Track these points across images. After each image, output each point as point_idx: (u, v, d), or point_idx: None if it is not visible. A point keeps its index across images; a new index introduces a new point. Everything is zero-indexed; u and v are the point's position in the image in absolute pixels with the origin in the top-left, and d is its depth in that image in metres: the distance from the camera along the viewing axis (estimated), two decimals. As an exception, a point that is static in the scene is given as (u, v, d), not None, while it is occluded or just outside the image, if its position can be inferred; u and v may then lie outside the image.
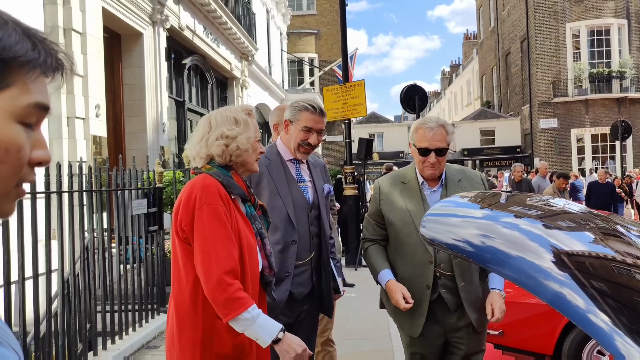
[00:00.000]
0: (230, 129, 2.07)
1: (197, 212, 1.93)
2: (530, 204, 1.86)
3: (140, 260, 5.84)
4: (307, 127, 2.74)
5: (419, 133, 2.67)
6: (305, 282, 2.73)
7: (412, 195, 2.69)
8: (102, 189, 5.10)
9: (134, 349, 5.21)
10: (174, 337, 1.99)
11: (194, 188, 1.98)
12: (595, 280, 1.15)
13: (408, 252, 2.62)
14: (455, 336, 2.66)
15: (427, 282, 2.60)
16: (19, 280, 3.84)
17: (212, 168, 2.07)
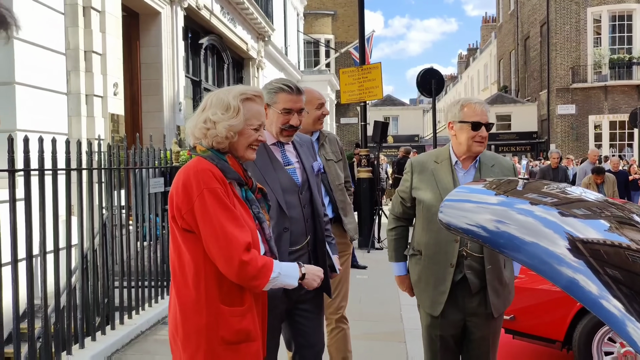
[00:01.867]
0: (215, 113, 2.01)
1: (198, 198, 1.89)
2: (545, 191, 1.87)
3: (157, 238, 5.94)
4: (286, 108, 2.65)
5: (467, 109, 2.71)
6: None
7: (445, 174, 2.74)
8: (121, 167, 5.17)
9: (150, 324, 5.32)
10: (177, 324, 1.96)
11: (189, 174, 1.94)
12: (609, 268, 1.18)
13: (434, 230, 2.67)
14: (472, 320, 2.71)
15: (451, 260, 2.64)
16: (40, 253, 3.93)
17: (207, 151, 2.03)
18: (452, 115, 2.77)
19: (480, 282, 2.65)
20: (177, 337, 1.96)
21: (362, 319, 5.70)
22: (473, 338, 2.74)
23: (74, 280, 4.52)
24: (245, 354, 1.97)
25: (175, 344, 1.99)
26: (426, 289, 2.74)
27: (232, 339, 1.94)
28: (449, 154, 2.80)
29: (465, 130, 2.70)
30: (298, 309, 2.70)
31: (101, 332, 4.71)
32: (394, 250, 2.97)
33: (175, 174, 6.20)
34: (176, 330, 1.96)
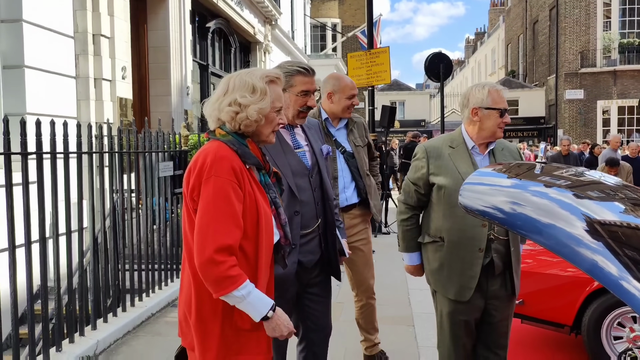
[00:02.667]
0: (243, 96, 1.95)
1: (204, 182, 1.86)
2: (558, 174, 1.87)
3: (166, 221, 5.97)
4: (304, 91, 2.65)
5: (494, 95, 2.69)
6: (315, 250, 2.68)
7: (463, 159, 2.71)
8: (131, 151, 5.19)
9: (160, 307, 5.37)
10: (191, 309, 1.92)
11: (207, 157, 1.88)
12: (628, 249, 1.19)
13: (459, 215, 2.62)
14: (493, 303, 2.73)
15: (480, 245, 2.63)
16: (53, 236, 3.97)
17: (227, 135, 1.97)
18: (478, 100, 2.71)
19: (503, 264, 2.67)
20: (190, 319, 1.92)
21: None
22: (494, 321, 2.76)
23: (86, 262, 4.57)
24: (259, 341, 1.96)
25: (187, 326, 1.96)
26: (451, 275, 2.70)
27: (246, 326, 1.92)
28: (463, 139, 2.77)
29: (493, 117, 2.69)
30: (307, 292, 2.72)
31: (112, 313, 4.77)
32: (410, 240, 2.88)
33: (184, 157, 6.24)
34: (189, 313, 1.93)
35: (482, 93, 2.71)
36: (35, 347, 3.73)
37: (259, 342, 1.95)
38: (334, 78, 3.63)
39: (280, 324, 1.93)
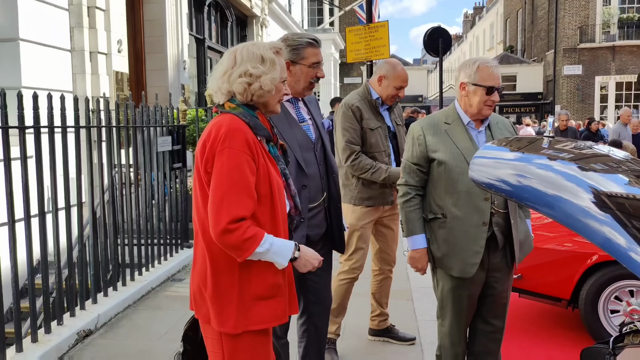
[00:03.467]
0: (255, 67, 1.96)
1: (218, 154, 1.87)
2: (560, 147, 1.87)
3: (165, 197, 5.96)
4: (315, 62, 2.65)
5: (483, 71, 2.64)
6: (321, 223, 2.72)
7: (460, 135, 2.69)
8: (129, 125, 5.16)
9: (160, 281, 5.40)
10: (206, 282, 1.93)
11: (220, 129, 1.89)
12: (635, 221, 1.19)
13: (462, 191, 2.62)
14: (494, 276, 2.74)
15: (484, 219, 2.62)
16: (52, 210, 3.96)
17: (237, 108, 1.98)
18: (467, 75, 2.69)
19: (504, 237, 2.68)
20: (206, 292, 1.93)
21: (369, 277, 5.76)
22: (494, 293, 2.77)
23: (85, 236, 4.57)
24: (275, 308, 1.98)
25: (202, 298, 1.97)
26: (455, 252, 2.67)
27: (263, 294, 1.94)
28: (457, 114, 2.75)
29: (478, 94, 2.66)
30: None
31: (113, 287, 4.79)
32: (415, 221, 2.76)
33: (182, 132, 6.20)
34: (204, 286, 1.94)
35: (471, 68, 2.68)
36: (36, 321, 3.75)
37: (275, 308, 1.98)
38: (390, 65, 3.66)
39: (309, 258, 2.02)
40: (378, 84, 3.62)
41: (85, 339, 4.06)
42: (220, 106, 2.03)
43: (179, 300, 4.96)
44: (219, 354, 1.97)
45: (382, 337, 4.03)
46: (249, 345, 1.95)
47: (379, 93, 3.63)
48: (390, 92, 3.60)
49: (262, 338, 2.00)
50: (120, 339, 4.12)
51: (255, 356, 1.97)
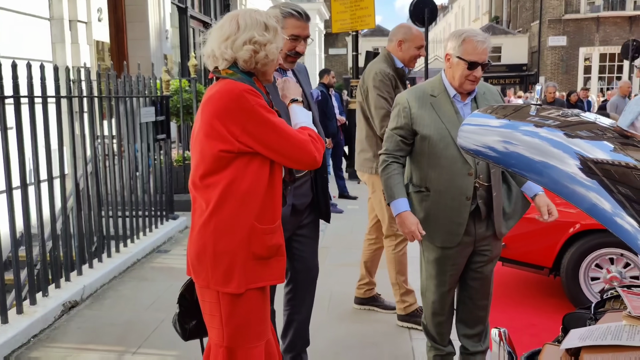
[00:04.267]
0: (261, 34, 1.97)
1: (251, 115, 1.90)
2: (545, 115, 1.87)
3: (149, 168, 5.92)
4: (294, 35, 2.59)
5: (468, 45, 2.59)
6: (307, 193, 2.72)
7: (445, 108, 2.66)
8: (112, 95, 5.08)
9: (145, 252, 5.39)
10: (205, 245, 1.98)
11: (233, 95, 1.91)
12: (621, 187, 1.20)
13: (445, 165, 2.62)
14: (482, 245, 2.75)
15: (467, 194, 2.62)
16: (34, 182, 3.91)
17: (235, 74, 1.99)
18: (452, 47, 2.65)
19: (487, 209, 2.69)
20: (206, 257, 1.98)
21: (355, 247, 5.81)
22: (483, 260, 2.79)
23: (68, 208, 4.53)
24: (274, 267, 2.06)
25: (201, 264, 2.00)
26: (437, 223, 2.69)
27: (264, 254, 2.01)
28: (444, 86, 2.72)
29: (460, 67, 2.61)
30: (296, 234, 2.76)
31: (98, 259, 4.77)
32: (395, 185, 2.73)
33: (166, 103, 6.11)
34: (204, 251, 1.98)
35: (457, 40, 2.63)
36: (21, 292, 3.74)
37: (274, 268, 2.06)
38: (405, 27, 3.73)
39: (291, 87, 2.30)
40: (399, 49, 3.67)
41: (71, 310, 4.06)
42: (216, 71, 2.03)
43: (165, 272, 4.96)
44: (217, 316, 2.03)
45: (367, 305, 4.08)
46: (248, 304, 2.02)
47: (401, 58, 3.68)
48: (413, 53, 3.67)
49: (261, 296, 2.07)
50: (107, 310, 4.12)
51: (252, 314, 2.04)
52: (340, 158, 8.86)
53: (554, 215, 2.73)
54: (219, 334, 2.04)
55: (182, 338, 2.27)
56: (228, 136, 1.92)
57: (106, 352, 3.41)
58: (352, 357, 3.36)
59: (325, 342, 3.50)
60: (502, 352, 2.05)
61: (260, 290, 2.05)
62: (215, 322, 2.04)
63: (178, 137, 8.30)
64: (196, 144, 2.01)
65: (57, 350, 3.45)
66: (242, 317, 2.02)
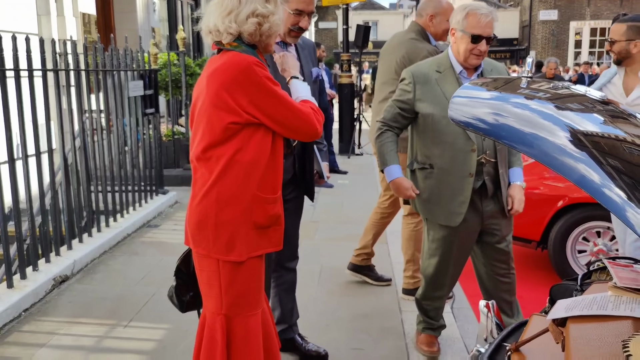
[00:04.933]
0: (264, 6, 1.99)
1: (258, 88, 1.93)
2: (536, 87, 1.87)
3: (138, 143, 5.88)
4: (298, 10, 2.56)
5: (471, 18, 2.59)
6: (288, 169, 2.69)
7: (451, 85, 2.65)
8: (98, 69, 5.01)
9: (135, 227, 5.38)
10: (207, 215, 2.02)
11: (241, 67, 1.93)
12: (610, 159, 1.21)
13: (447, 142, 2.63)
14: (491, 223, 2.76)
15: (470, 170, 2.63)
16: (22, 157, 3.87)
17: (240, 46, 2.01)
18: (456, 21, 2.66)
19: (494, 186, 2.70)
20: (208, 226, 2.02)
21: (345, 222, 5.84)
22: (494, 240, 2.80)
23: (57, 183, 4.49)
24: (273, 236, 2.12)
25: (202, 233, 2.04)
26: (440, 201, 2.70)
27: (264, 223, 2.07)
28: (450, 62, 2.71)
29: (464, 41, 2.62)
30: None
31: (88, 234, 4.76)
32: (388, 153, 2.78)
33: (154, 77, 6.03)
34: (206, 220, 2.02)
35: (461, 14, 2.64)
36: (11, 267, 3.73)
37: (272, 236, 2.12)
38: (435, 1, 3.68)
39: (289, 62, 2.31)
40: (430, 24, 3.67)
41: (61, 284, 4.06)
42: (219, 43, 2.04)
43: (155, 246, 4.97)
44: (215, 285, 2.07)
45: (360, 273, 4.12)
46: (248, 272, 2.08)
47: (433, 33, 3.69)
48: (445, 27, 3.64)
49: (260, 264, 2.13)
50: (97, 284, 4.13)
51: (251, 283, 2.10)
52: (330, 132, 8.84)
53: (516, 211, 2.73)
54: (217, 303, 2.08)
55: (179, 310, 2.30)
56: (236, 107, 1.94)
57: (98, 326, 3.43)
58: (342, 328, 3.41)
59: (316, 314, 3.54)
60: (490, 323, 2.08)
61: (259, 258, 2.11)
62: (214, 291, 2.07)
63: (167, 112, 8.23)
64: (201, 116, 2.02)
65: (49, 324, 3.47)
66: (241, 285, 2.07)
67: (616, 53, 3.24)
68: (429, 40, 3.69)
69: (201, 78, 2.09)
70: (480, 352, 1.91)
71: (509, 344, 1.66)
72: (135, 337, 3.31)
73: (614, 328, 1.34)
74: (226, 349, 2.07)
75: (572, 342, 1.31)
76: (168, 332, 3.34)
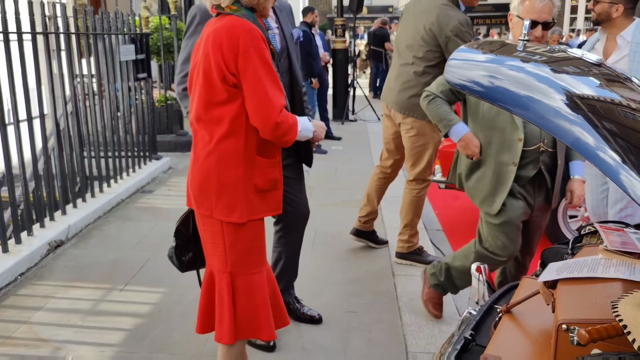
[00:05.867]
0: None
1: (243, 55, 1.92)
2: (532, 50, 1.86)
3: (130, 108, 5.83)
4: None
5: (527, 3, 2.57)
6: None
7: None
8: (89, 32, 4.93)
9: (129, 193, 5.38)
10: (210, 177, 2.06)
11: (236, 30, 1.93)
12: (606, 122, 1.21)
13: (496, 128, 2.62)
14: (537, 214, 2.78)
15: (514, 159, 2.61)
16: (14, 122, 3.84)
17: (240, 10, 2.01)
18: (513, 7, 2.65)
19: (550, 177, 2.70)
20: (210, 187, 2.06)
21: (338, 187, 5.87)
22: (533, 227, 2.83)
23: (50, 149, 4.47)
24: (272, 200, 2.17)
25: (204, 194, 2.08)
26: (483, 188, 2.70)
27: (264, 187, 2.11)
28: None
29: (520, 27, 2.58)
30: None
31: (82, 199, 4.76)
32: (449, 113, 2.73)
33: (146, 41, 5.95)
34: (208, 182, 2.05)
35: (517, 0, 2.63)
36: (5, 232, 3.73)
37: (271, 200, 2.17)
38: None
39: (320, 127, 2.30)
40: None
41: (57, 249, 4.07)
42: (218, 7, 2.03)
43: (150, 212, 4.98)
44: (219, 244, 2.11)
45: (365, 238, 4.16)
46: (249, 233, 2.11)
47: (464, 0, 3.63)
48: None
49: (260, 226, 2.17)
50: (92, 249, 4.15)
51: (253, 242, 2.14)
52: (325, 98, 8.79)
53: (573, 204, 2.76)
54: (222, 261, 2.13)
55: (179, 270, 2.34)
56: (225, 70, 1.95)
57: (94, 290, 3.46)
58: (336, 292, 3.45)
59: (309, 279, 3.58)
60: (482, 287, 2.11)
61: (260, 221, 2.16)
62: (219, 249, 2.12)
63: (160, 77, 8.15)
64: (198, 78, 2.03)
65: (45, 288, 3.49)
66: (244, 245, 2.11)
67: (597, 13, 3.22)
68: (459, 6, 3.59)
69: (199, 41, 2.08)
70: (472, 314, 1.95)
71: (501, 306, 1.69)
72: (131, 300, 3.34)
73: (604, 290, 1.36)
74: (232, 305, 2.13)
75: (562, 304, 1.33)
76: (163, 295, 3.37)
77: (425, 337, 2.95)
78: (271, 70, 1.99)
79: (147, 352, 2.80)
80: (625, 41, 3.16)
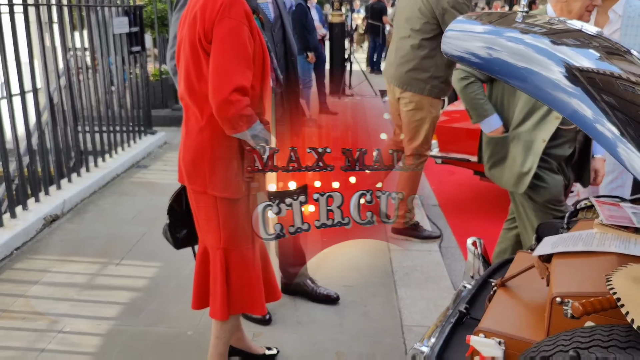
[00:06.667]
0: None
1: (217, 23, 1.87)
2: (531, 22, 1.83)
3: (124, 82, 5.77)
4: None
5: None
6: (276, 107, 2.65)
7: None
8: (81, 4, 4.85)
9: (124, 168, 5.35)
10: (204, 150, 2.02)
11: (222, 2, 1.88)
12: (605, 95, 1.19)
13: (532, 103, 2.54)
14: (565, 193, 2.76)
15: (544, 136, 2.53)
16: (6, 97, 3.80)
17: None
18: None
19: (580, 155, 2.69)
20: (204, 163, 2.03)
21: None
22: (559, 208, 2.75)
23: (43, 123, 4.43)
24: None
25: (197, 170, 2.05)
26: (512, 166, 2.62)
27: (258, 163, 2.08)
28: None
29: None
30: None
31: (77, 174, 4.74)
32: (485, 103, 2.65)
33: (139, 13, 5.86)
34: (201, 157, 2.02)
35: None
36: (0, 206, 3.72)
37: None
38: None
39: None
40: None
41: (52, 223, 4.07)
42: None
43: (145, 186, 4.96)
44: (213, 220, 2.09)
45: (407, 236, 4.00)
46: (244, 208, 2.09)
47: None
48: None
49: (254, 200, 2.14)
50: (88, 223, 4.14)
51: (247, 217, 2.12)
52: (323, 73, 8.71)
53: (597, 183, 2.76)
54: (216, 237, 2.11)
55: (174, 247, 2.33)
56: (203, 39, 1.91)
57: (90, 264, 3.46)
58: (333, 268, 3.46)
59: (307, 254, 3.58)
60: (477, 261, 2.12)
61: (254, 195, 2.14)
62: (212, 225, 2.11)
63: (154, 51, 8.05)
64: (185, 51, 1.98)
65: (41, 262, 3.49)
66: (238, 220, 2.10)
67: None
68: None
69: (184, 13, 2.03)
70: (466, 288, 1.96)
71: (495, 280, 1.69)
72: (127, 274, 3.34)
73: (598, 263, 1.36)
74: (225, 283, 2.14)
75: (557, 277, 1.33)
76: (159, 269, 3.38)
77: (420, 311, 2.97)
78: (242, 45, 1.90)
79: (143, 325, 2.82)
80: (617, 15, 3.12)
